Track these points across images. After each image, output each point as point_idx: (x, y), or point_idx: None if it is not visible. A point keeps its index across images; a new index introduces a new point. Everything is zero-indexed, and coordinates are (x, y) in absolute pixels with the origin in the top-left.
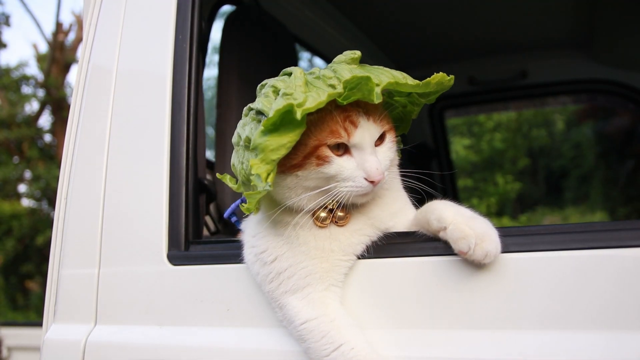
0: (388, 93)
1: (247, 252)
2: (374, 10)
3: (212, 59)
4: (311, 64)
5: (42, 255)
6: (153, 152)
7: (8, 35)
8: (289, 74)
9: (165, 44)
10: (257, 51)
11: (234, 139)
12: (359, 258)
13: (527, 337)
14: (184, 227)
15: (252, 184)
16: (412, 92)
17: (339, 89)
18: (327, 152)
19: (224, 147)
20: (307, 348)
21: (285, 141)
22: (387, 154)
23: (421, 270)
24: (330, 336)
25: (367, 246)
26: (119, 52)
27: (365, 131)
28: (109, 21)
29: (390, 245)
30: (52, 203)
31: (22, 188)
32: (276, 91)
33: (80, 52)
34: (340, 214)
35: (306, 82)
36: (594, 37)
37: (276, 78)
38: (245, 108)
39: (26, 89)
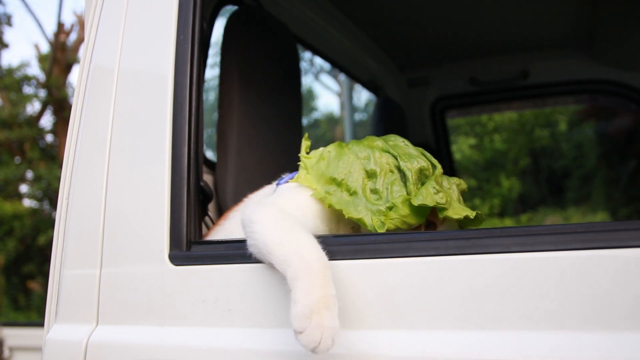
0: None
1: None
2: (376, 10)
3: (214, 59)
4: (312, 64)
5: (43, 256)
6: (154, 152)
7: (10, 35)
8: (433, 165)
9: (167, 45)
10: (259, 51)
11: (354, 147)
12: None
13: (528, 338)
14: (186, 228)
15: (373, 222)
16: None
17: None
18: None
19: (225, 147)
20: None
21: (414, 222)
22: None
23: (423, 270)
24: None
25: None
26: (120, 53)
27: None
28: (110, 21)
29: (391, 244)
30: (53, 203)
31: (23, 188)
32: (422, 172)
33: (81, 53)
34: None
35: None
36: (596, 37)
37: (420, 155)
38: (381, 140)
39: (28, 89)
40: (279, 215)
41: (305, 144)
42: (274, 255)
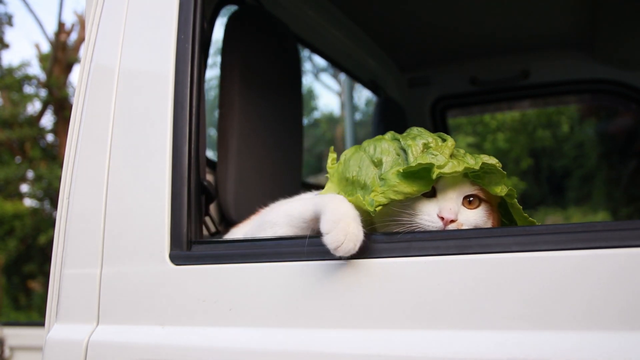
0: None
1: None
2: (376, 10)
3: (215, 59)
4: (312, 63)
5: (44, 255)
6: (155, 152)
7: (10, 35)
8: (444, 139)
9: (168, 44)
10: (259, 51)
11: (365, 145)
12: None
13: (528, 338)
14: (186, 227)
15: (365, 199)
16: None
17: (475, 163)
18: None
19: (226, 146)
20: None
21: (408, 190)
22: (473, 215)
23: (422, 270)
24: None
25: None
26: (121, 52)
27: (455, 182)
28: (111, 21)
29: (391, 244)
30: (54, 203)
31: (24, 188)
32: (426, 145)
33: (82, 52)
34: None
35: (452, 154)
36: (596, 37)
37: (432, 135)
38: (391, 133)
39: (28, 89)
40: (294, 204)
41: (331, 156)
42: (305, 218)
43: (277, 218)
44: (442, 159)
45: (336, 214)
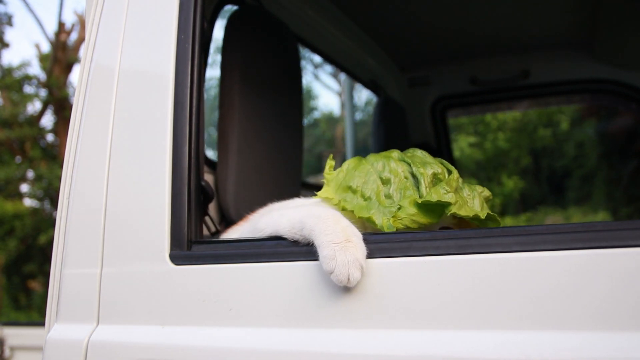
0: None
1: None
2: (376, 10)
3: (215, 59)
4: (312, 63)
5: (44, 255)
6: (155, 152)
7: (11, 35)
8: (449, 170)
9: (168, 44)
10: (260, 51)
11: (371, 159)
12: None
13: (528, 337)
14: (186, 227)
15: (382, 222)
16: None
17: (480, 209)
18: None
19: (226, 146)
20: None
21: (422, 221)
22: None
23: (422, 269)
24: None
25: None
26: (121, 52)
27: None
28: (111, 21)
29: (391, 244)
30: (54, 203)
31: (24, 188)
32: (436, 176)
33: (82, 52)
34: None
35: (457, 187)
36: (596, 37)
37: (437, 163)
38: (397, 152)
39: (28, 89)
40: (285, 211)
41: (329, 163)
42: (295, 232)
43: (266, 230)
44: (452, 197)
45: (329, 241)
